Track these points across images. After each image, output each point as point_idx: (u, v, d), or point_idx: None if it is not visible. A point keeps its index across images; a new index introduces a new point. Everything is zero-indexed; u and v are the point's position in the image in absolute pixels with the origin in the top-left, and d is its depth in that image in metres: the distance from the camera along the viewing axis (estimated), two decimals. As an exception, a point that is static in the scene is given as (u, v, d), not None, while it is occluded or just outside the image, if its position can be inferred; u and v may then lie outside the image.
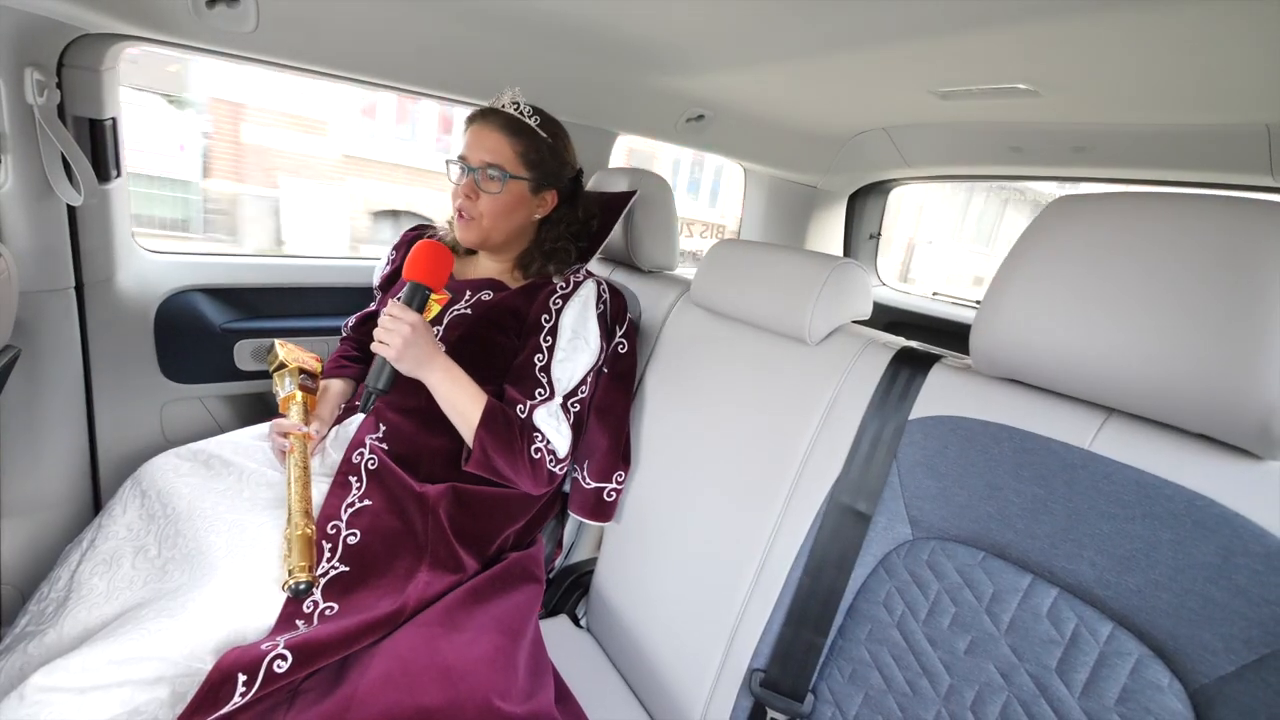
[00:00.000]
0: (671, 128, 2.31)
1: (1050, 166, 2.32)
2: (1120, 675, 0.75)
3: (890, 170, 2.77)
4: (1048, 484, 0.86)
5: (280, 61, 1.65)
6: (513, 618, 1.30)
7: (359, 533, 1.28)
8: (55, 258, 1.56)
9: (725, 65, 1.82)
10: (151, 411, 1.87)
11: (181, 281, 1.85)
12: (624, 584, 1.57)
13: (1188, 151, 1.89)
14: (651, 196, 1.79)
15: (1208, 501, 0.74)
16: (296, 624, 1.13)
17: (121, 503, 1.34)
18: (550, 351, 1.45)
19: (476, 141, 1.47)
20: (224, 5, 1.43)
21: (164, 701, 1.01)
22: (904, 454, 1.04)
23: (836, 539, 1.07)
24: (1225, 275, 0.71)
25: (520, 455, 1.35)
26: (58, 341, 1.61)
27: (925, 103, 1.95)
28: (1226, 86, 1.46)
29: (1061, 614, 0.81)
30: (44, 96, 1.38)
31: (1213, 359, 0.72)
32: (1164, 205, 0.79)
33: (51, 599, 1.23)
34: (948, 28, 1.34)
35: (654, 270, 1.88)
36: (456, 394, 1.35)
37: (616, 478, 1.56)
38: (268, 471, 1.37)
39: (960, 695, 0.87)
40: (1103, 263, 0.81)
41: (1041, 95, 1.69)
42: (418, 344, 1.29)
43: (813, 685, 1.04)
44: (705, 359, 1.51)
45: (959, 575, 0.91)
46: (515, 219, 1.52)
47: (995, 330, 0.92)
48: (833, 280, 1.27)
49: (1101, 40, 1.31)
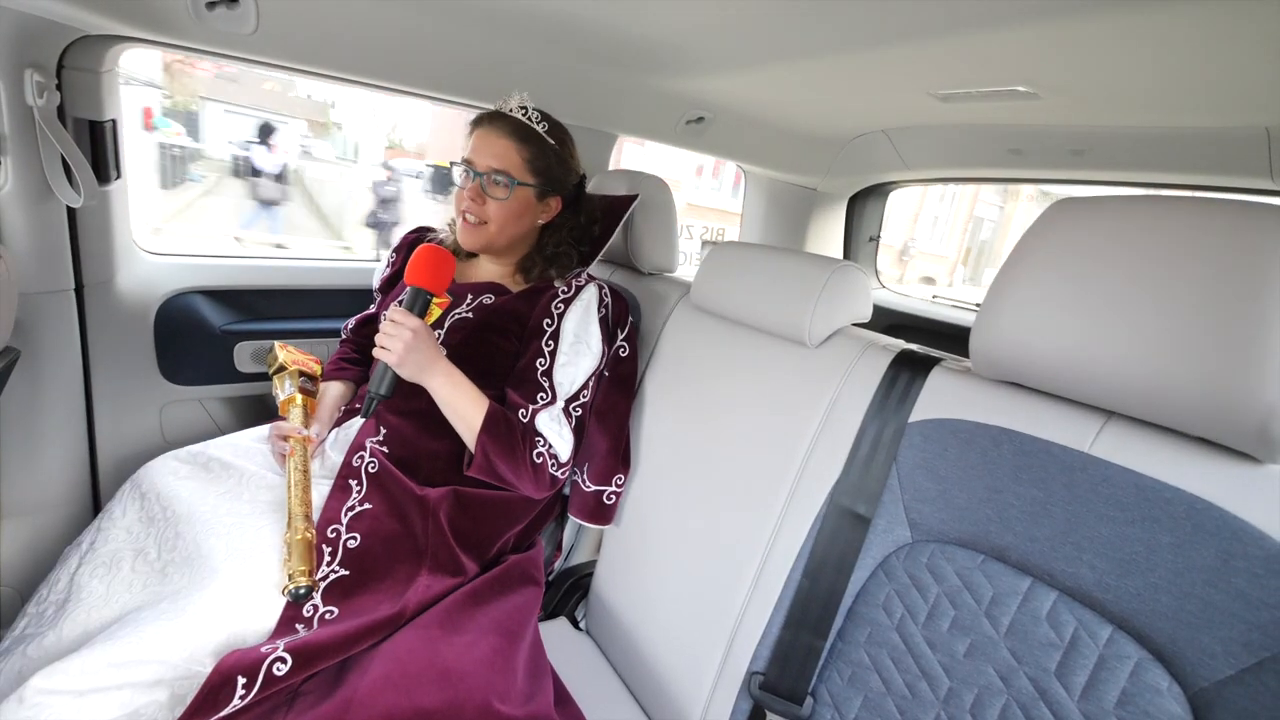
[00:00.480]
0: (671, 130, 2.31)
1: (1049, 169, 2.32)
2: (1120, 678, 0.75)
3: (890, 173, 2.77)
4: (1047, 487, 0.86)
5: (281, 63, 1.65)
6: (512, 620, 1.30)
7: (359, 536, 1.28)
8: (55, 259, 1.56)
9: (725, 67, 1.82)
10: (151, 413, 1.86)
11: (181, 283, 1.85)
12: (623, 587, 1.57)
13: (1187, 154, 1.89)
14: (651, 199, 1.78)
15: (1207, 505, 0.74)
16: (296, 627, 1.13)
17: (121, 505, 1.34)
18: (552, 356, 1.44)
19: (484, 146, 1.46)
20: (224, 7, 1.43)
21: (163, 704, 1.00)
22: (904, 457, 1.04)
23: (836, 541, 1.07)
24: (1224, 278, 0.71)
25: (522, 459, 1.35)
26: (57, 343, 1.61)
27: (925, 105, 1.95)
28: (1226, 89, 1.46)
29: (1061, 617, 0.81)
30: (44, 98, 1.37)
31: (1212, 362, 0.71)
32: (1163, 208, 0.79)
33: (51, 601, 1.22)
34: (948, 30, 1.34)
35: (654, 272, 1.88)
36: (458, 398, 1.35)
37: (616, 481, 1.55)
38: (267, 474, 1.37)
39: (959, 698, 0.87)
40: (1102, 266, 0.81)
41: (1041, 98, 1.69)
42: (420, 349, 1.29)
43: (812, 688, 1.04)
44: (705, 361, 1.51)
45: (958, 578, 0.91)
46: (520, 225, 1.52)
47: (995, 333, 0.92)
48: (832, 283, 1.27)
49: (1101, 43, 1.31)
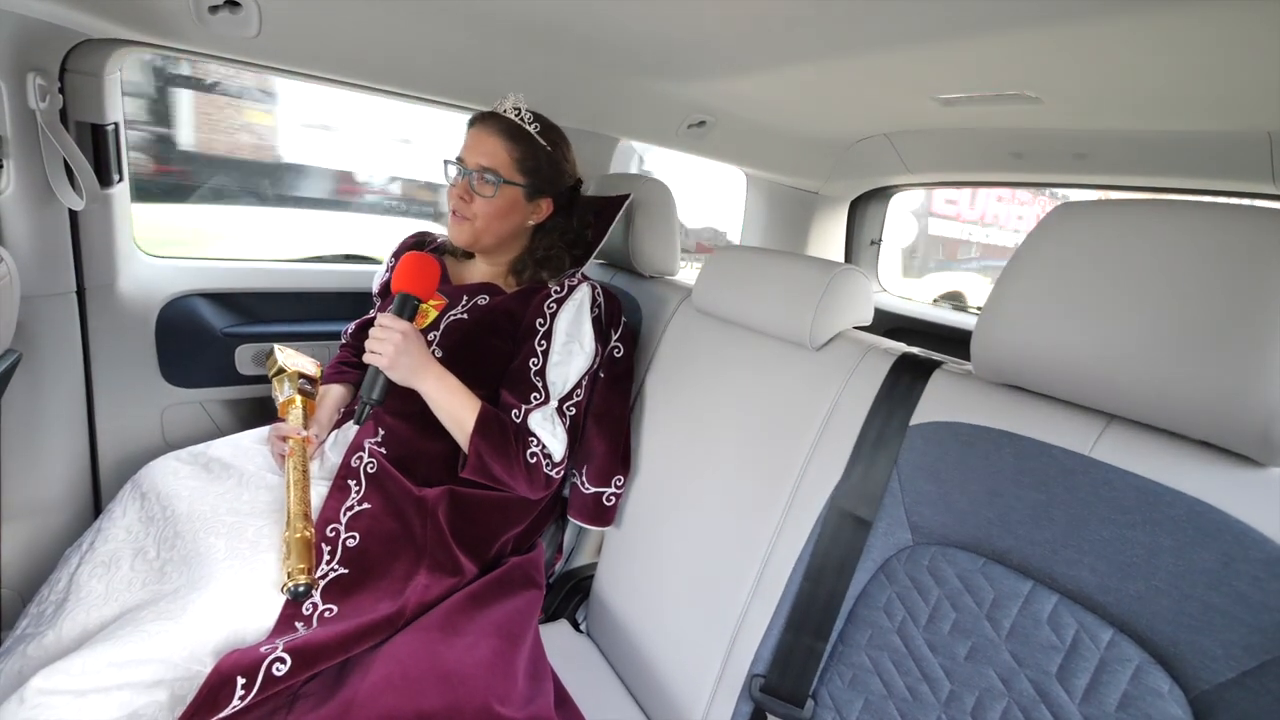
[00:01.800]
0: (673, 133, 2.31)
1: (1052, 173, 2.32)
2: (1121, 681, 0.74)
3: (892, 176, 2.77)
4: (1048, 490, 0.86)
5: (283, 67, 1.66)
6: (513, 622, 1.30)
7: (358, 535, 1.28)
8: (57, 262, 1.56)
9: (727, 71, 1.82)
10: (152, 415, 1.87)
11: (183, 286, 1.86)
12: (624, 589, 1.57)
13: (1189, 158, 1.89)
14: (651, 201, 1.79)
15: (1208, 508, 0.74)
16: (296, 626, 1.13)
17: (121, 505, 1.35)
18: (545, 355, 1.45)
19: (475, 144, 1.48)
20: (226, 11, 1.43)
21: (163, 704, 1.01)
22: (905, 460, 1.03)
23: (837, 544, 1.06)
24: (1225, 282, 0.71)
25: (516, 460, 1.35)
26: (59, 346, 1.61)
27: (927, 109, 1.95)
28: (1228, 93, 1.46)
29: (1062, 620, 0.81)
30: (46, 101, 1.38)
31: (1213, 365, 0.71)
32: (1165, 212, 0.79)
33: (50, 601, 1.22)
34: (950, 34, 1.34)
35: (655, 275, 1.88)
36: (450, 401, 1.35)
37: (616, 482, 1.56)
38: (267, 474, 1.38)
39: (961, 701, 0.87)
40: (1103, 269, 0.81)
41: (1043, 102, 1.69)
42: (409, 352, 1.29)
43: (813, 691, 1.04)
44: (706, 364, 1.51)
45: (959, 581, 0.91)
46: (508, 224, 1.53)
47: (996, 336, 0.92)
48: (834, 286, 1.27)
49: (1103, 47, 1.31)
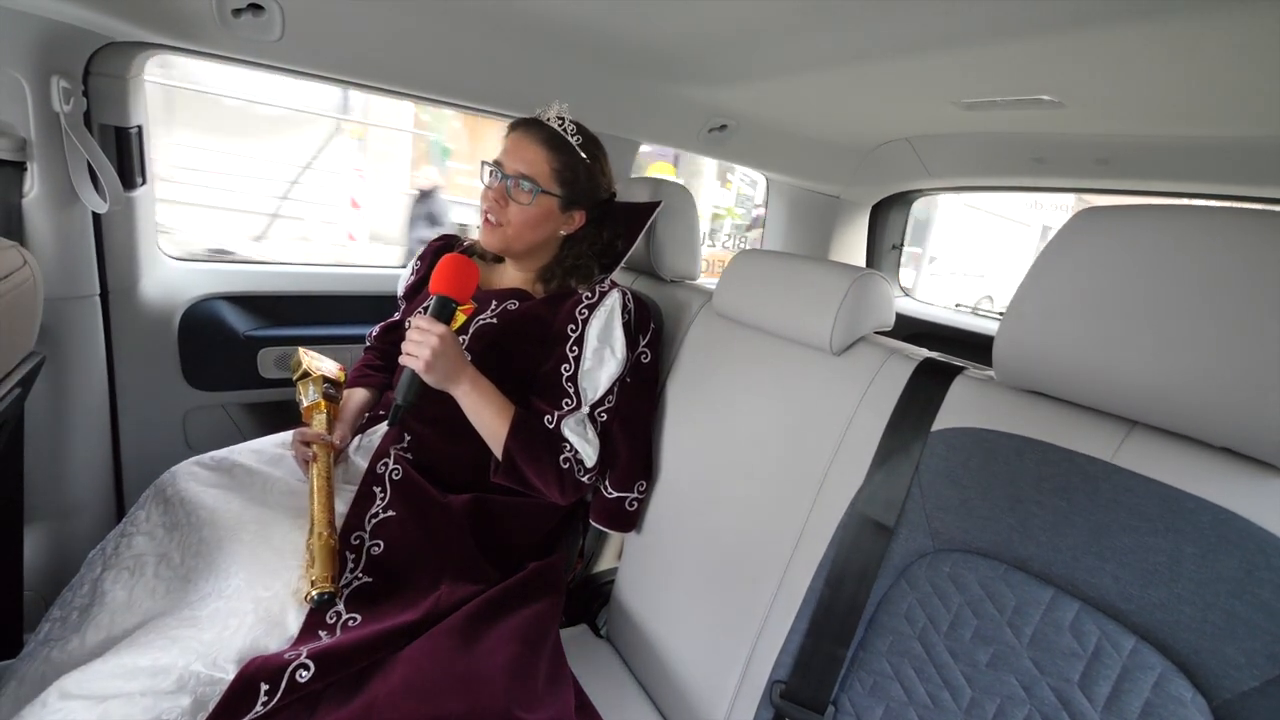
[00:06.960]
0: (694, 138, 2.32)
1: (1073, 178, 2.30)
2: (1143, 689, 0.74)
3: (913, 181, 2.76)
4: (1070, 497, 0.86)
5: (306, 70, 1.67)
6: (533, 627, 1.29)
7: (383, 543, 1.28)
8: (80, 264, 1.58)
9: (748, 76, 1.82)
10: (175, 418, 1.88)
11: (205, 289, 1.87)
12: (645, 594, 1.56)
13: (1212, 164, 1.88)
14: (674, 206, 1.78)
15: (1231, 515, 0.73)
16: (319, 634, 1.13)
17: (144, 510, 1.35)
18: (577, 361, 1.44)
19: (515, 150, 1.47)
20: (249, 14, 1.45)
21: (186, 710, 1.00)
22: (926, 466, 1.03)
23: (858, 550, 1.06)
24: (1248, 288, 0.71)
25: (548, 466, 1.36)
26: (82, 348, 1.63)
27: (949, 114, 1.95)
28: (1252, 98, 1.45)
29: (1084, 627, 0.80)
30: (70, 104, 1.40)
31: (1236, 372, 0.71)
32: (1187, 218, 0.79)
33: (75, 606, 1.23)
34: (972, 39, 1.34)
35: (676, 279, 1.88)
36: (484, 405, 1.35)
37: (638, 487, 1.55)
38: (290, 480, 1.38)
39: (981, 708, 0.87)
40: (1126, 275, 0.81)
41: (1065, 107, 1.68)
42: (446, 355, 1.29)
43: (833, 697, 1.04)
44: (727, 369, 1.51)
45: (981, 588, 0.90)
46: (540, 232, 1.52)
47: (1018, 342, 0.92)
48: (855, 291, 1.26)
49: (1125, 52, 1.30)
